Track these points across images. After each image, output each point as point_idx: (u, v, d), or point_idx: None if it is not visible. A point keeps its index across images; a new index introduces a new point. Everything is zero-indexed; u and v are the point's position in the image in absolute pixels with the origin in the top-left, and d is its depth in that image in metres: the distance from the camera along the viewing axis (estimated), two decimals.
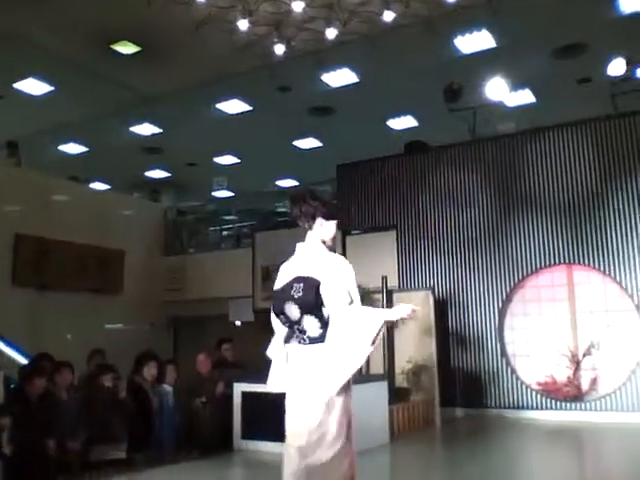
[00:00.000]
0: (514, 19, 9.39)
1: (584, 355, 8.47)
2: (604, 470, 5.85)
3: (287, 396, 3.07)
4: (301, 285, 3.01)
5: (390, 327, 8.75)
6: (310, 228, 3.21)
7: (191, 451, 6.47)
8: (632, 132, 8.72)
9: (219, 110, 12.50)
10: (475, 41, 10.03)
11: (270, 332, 3.32)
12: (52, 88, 11.37)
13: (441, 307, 9.29)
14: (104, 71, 10.90)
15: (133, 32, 9.74)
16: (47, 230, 10.73)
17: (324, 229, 3.22)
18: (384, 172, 10.53)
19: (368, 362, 9.01)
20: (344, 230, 10.84)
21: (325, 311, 2.96)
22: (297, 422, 2.98)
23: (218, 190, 14.81)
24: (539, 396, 8.65)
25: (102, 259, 11.83)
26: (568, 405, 8.46)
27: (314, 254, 3.15)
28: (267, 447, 6.39)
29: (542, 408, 8.59)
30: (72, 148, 14.60)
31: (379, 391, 7.08)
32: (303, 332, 3.01)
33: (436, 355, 8.54)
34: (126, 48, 10.18)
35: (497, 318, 9.09)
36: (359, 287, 3.29)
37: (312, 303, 2.95)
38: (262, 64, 10.18)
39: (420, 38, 9.57)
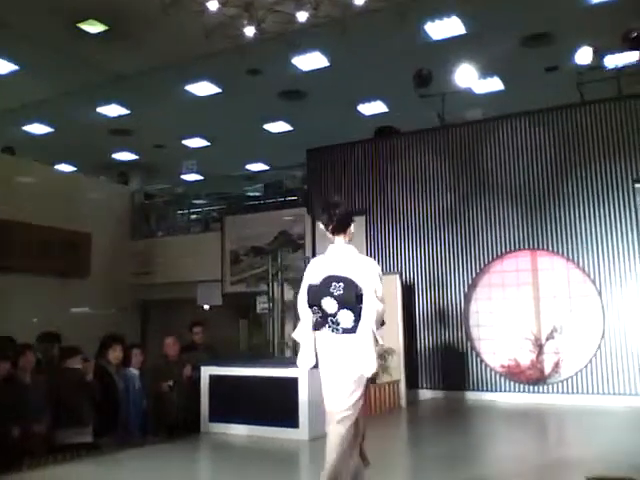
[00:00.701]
0: (484, 6, 9.47)
1: (547, 339, 8.67)
2: (563, 449, 6.02)
3: (323, 374, 3.70)
4: (341, 284, 3.59)
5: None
6: (344, 231, 3.78)
7: (158, 434, 6.48)
8: (597, 120, 8.87)
9: (188, 92, 12.37)
10: (445, 27, 10.11)
11: (237, 316, 3.41)
12: (17, 67, 11.10)
13: (408, 291, 9.40)
14: (71, 50, 10.69)
15: (100, 11, 9.56)
16: (11, 212, 10.53)
17: (351, 233, 3.83)
18: (354, 157, 10.55)
19: None
20: (313, 215, 10.87)
21: (359, 307, 3.54)
22: (333, 393, 3.66)
23: (187, 173, 14.69)
24: (503, 379, 8.83)
25: (68, 242, 11.67)
26: (531, 388, 8.66)
27: (348, 256, 3.74)
28: (234, 429, 6.44)
29: (506, 390, 8.77)
30: (37, 129, 14.31)
31: None
32: (337, 323, 3.59)
33: (403, 338, 8.66)
34: (93, 27, 10.00)
35: (463, 302, 9.23)
36: None
37: (352, 300, 3.56)
38: (232, 46, 10.08)
39: (391, 23, 9.59)
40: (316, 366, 3.75)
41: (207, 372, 6.76)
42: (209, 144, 15.24)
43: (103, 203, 13.16)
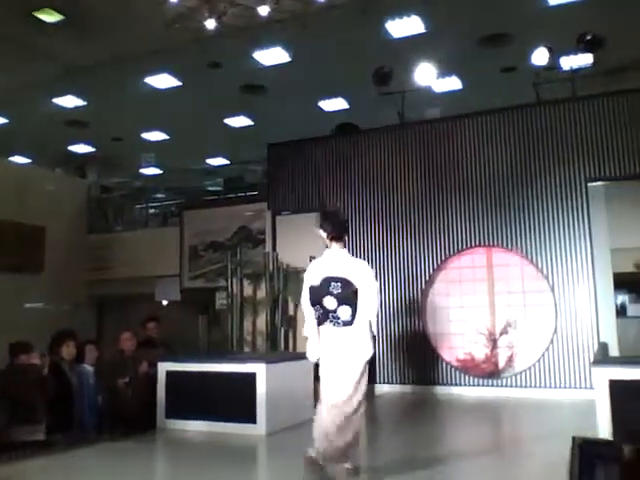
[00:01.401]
0: (443, 6, 9.58)
1: (501, 334, 8.87)
2: (512, 439, 6.17)
3: (325, 363, 4.22)
4: (339, 284, 4.18)
5: None
6: (341, 238, 4.39)
7: (113, 432, 6.39)
8: (552, 121, 9.08)
9: (148, 84, 12.18)
10: (405, 26, 10.18)
11: (196, 312, 3.48)
12: None
13: None
14: (26, 39, 10.40)
15: (57, 0, 9.33)
16: None
17: (345, 240, 4.46)
18: (315, 153, 10.57)
19: (295, 340, 9.15)
20: (273, 210, 10.86)
21: (356, 302, 4.14)
22: (336, 382, 4.14)
23: (146, 167, 14.49)
24: (458, 373, 8.99)
25: (21, 236, 11.39)
26: (486, 381, 8.84)
27: (343, 259, 4.35)
28: (192, 426, 6.40)
29: (461, 384, 8.94)
30: None
31: (304, 368, 7.17)
32: (337, 317, 4.17)
33: None
34: (50, 16, 9.75)
35: (420, 298, 9.36)
36: (287, 266, 5.71)
37: (349, 297, 4.14)
38: (193, 39, 9.97)
39: (352, 20, 9.63)
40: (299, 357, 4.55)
41: (164, 368, 6.70)
42: (168, 138, 15.03)
43: (58, 196, 12.87)
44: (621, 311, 10.41)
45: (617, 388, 4.97)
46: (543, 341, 8.62)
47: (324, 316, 4.21)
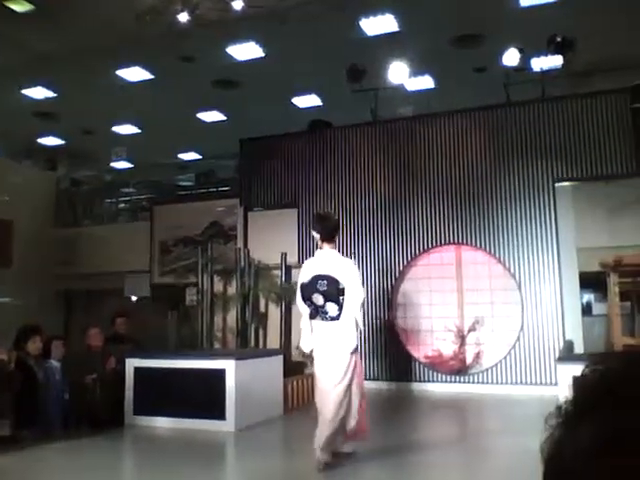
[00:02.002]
0: (417, 5, 9.63)
1: (469, 331, 8.98)
2: (477, 434, 6.27)
3: (317, 354, 4.67)
4: (325, 282, 4.58)
5: (288, 303, 8.89)
6: (332, 239, 4.82)
7: (80, 428, 6.32)
8: (522, 121, 9.22)
9: (119, 77, 12.02)
10: (379, 24, 10.22)
11: (166, 308, 3.54)
12: None
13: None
14: None
15: None
16: None
17: (336, 240, 4.89)
18: (287, 149, 10.57)
19: (265, 337, 9.15)
20: (245, 206, 10.83)
21: (341, 299, 4.55)
22: (325, 370, 4.59)
23: (116, 160, 14.30)
24: (427, 369, 9.09)
25: None
26: (453, 378, 8.95)
27: (332, 258, 4.76)
28: (160, 422, 6.38)
29: (430, 380, 9.04)
30: None
31: (274, 365, 7.20)
32: (325, 313, 4.60)
33: None
34: (20, 6, 9.55)
35: (390, 294, 9.42)
36: (258, 263, 6.50)
37: (334, 294, 4.56)
38: (166, 32, 9.87)
39: (326, 17, 9.63)
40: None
41: (132, 364, 6.65)
42: (140, 131, 14.86)
43: (25, 189, 12.64)
44: (587, 309, 10.60)
45: (577, 384, 5.08)
46: (510, 338, 8.76)
47: (315, 311, 4.65)
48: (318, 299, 4.59)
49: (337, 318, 4.57)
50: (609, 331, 8.62)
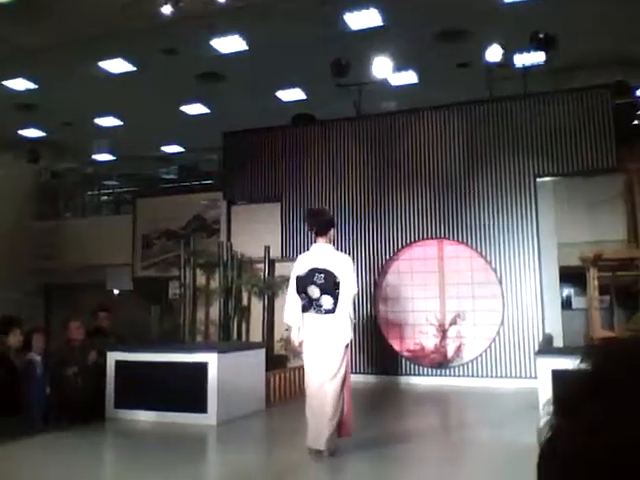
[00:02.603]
0: (402, 0, 9.63)
1: (450, 324, 9.06)
2: (458, 426, 6.34)
3: (308, 347, 4.72)
4: (322, 275, 4.68)
5: (271, 297, 8.89)
6: (325, 234, 4.88)
7: (61, 421, 6.29)
8: (504, 116, 9.29)
9: (101, 68, 11.90)
10: (363, 18, 10.21)
11: (149, 301, 3.49)
12: None
13: None
14: None
15: None
16: None
17: (331, 235, 4.95)
18: (271, 143, 10.56)
19: (248, 330, 9.15)
20: (229, 200, 10.81)
21: (337, 292, 4.64)
22: (319, 363, 4.64)
23: (98, 153, 14.17)
24: (409, 362, 9.15)
25: None
26: (435, 371, 9.02)
27: (327, 252, 4.85)
28: (141, 415, 6.37)
29: (411, 374, 9.10)
30: None
31: (257, 358, 7.21)
32: (320, 306, 4.67)
33: None
34: None
35: (373, 288, 9.47)
36: (241, 256, 6.64)
37: (331, 287, 4.65)
38: (149, 24, 9.79)
39: (310, 10, 9.60)
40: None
41: (113, 358, 6.63)
42: (122, 123, 14.73)
43: (6, 182, 12.50)
44: (566, 303, 10.74)
45: (559, 377, 5.15)
46: (490, 332, 8.85)
47: (309, 304, 4.71)
48: (314, 292, 4.67)
49: (332, 311, 4.66)
50: (588, 325, 8.74)
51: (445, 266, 9.26)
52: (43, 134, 15.53)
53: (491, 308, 8.90)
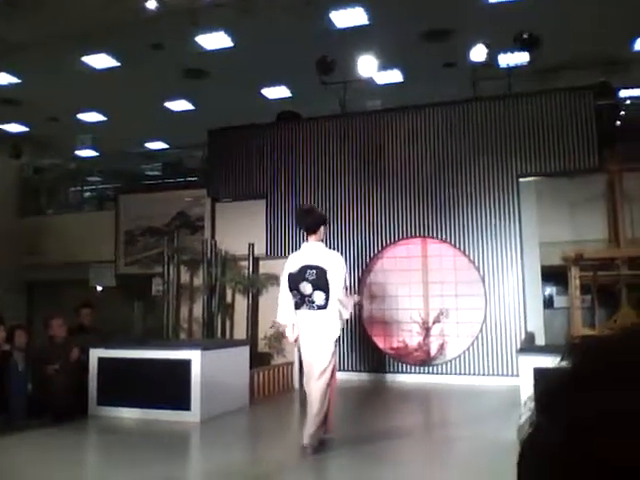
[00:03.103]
0: None
1: (434, 322, 9.11)
2: (440, 423, 6.39)
3: (302, 343, 4.91)
4: (314, 271, 4.79)
5: (255, 294, 8.89)
6: (315, 232, 4.99)
7: (42, 419, 6.24)
8: (488, 116, 9.35)
9: (85, 63, 11.81)
10: (349, 16, 10.23)
11: (132, 298, 3.51)
12: None
13: None
14: None
15: None
16: None
17: (322, 232, 5.08)
18: (256, 140, 10.54)
19: (232, 327, 9.13)
20: (213, 197, 10.78)
21: (328, 288, 4.77)
22: (311, 358, 4.84)
23: (82, 148, 14.05)
24: (392, 360, 9.20)
25: None
26: (418, 369, 9.07)
27: (318, 250, 4.98)
28: (124, 413, 6.34)
29: (396, 371, 9.13)
30: None
31: (240, 356, 7.21)
32: (312, 302, 4.80)
33: None
34: None
35: (357, 286, 9.49)
36: (225, 253, 6.79)
37: (323, 284, 4.78)
38: (133, 19, 9.73)
39: (296, 8, 9.61)
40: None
41: (96, 354, 6.59)
42: (106, 119, 14.64)
43: None
44: (548, 302, 10.84)
45: (541, 375, 5.21)
46: (473, 330, 8.92)
47: (301, 301, 4.83)
48: (306, 288, 4.79)
49: (324, 307, 4.78)
50: (570, 323, 8.84)
51: (429, 264, 9.32)
52: (26, 129, 15.39)
53: (474, 306, 8.97)
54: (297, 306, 4.88)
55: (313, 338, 4.82)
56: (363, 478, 4.49)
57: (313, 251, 4.97)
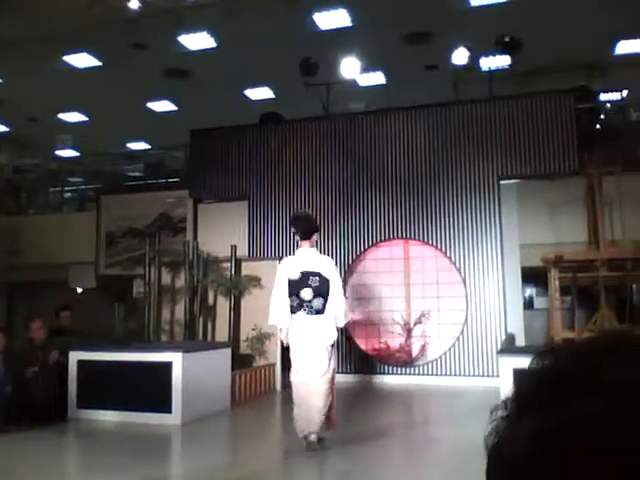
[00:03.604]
0: (370, 1, 9.70)
1: (415, 323, 9.14)
2: (421, 423, 6.42)
3: (296, 346, 4.94)
4: (317, 278, 4.93)
5: (237, 296, 8.87)
6: (309, 238, 5.09)
7: (21, 422, 6.17)
8: (469, 119, 9.41)
9: (66, 63, 11.71)
10: (332, 18, 10.25)
11: (113, 300, 3.55)
12: None
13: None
14: None
15: None
16: None
17: (314, 239, 5.17)
18: (238, 141, 10.51)
19: (214, 330, 9.10)
20: (196, 198, 10.74)
21: (327, 294, 4.90)
22: (309, 362, 4.86)
23: (62, 149, 13.92)
24: (374, 361, 9.22)
25: None
26: (400, 370, 9.10)
27: (314, 256, 5.11)
28: (104, 415, 6.29)
29: (377, 373, 9.17)
30: None
31: (222, 358, 7.19)
32: (311, 307, 4.90)
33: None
34: None
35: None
36: (208, 255, 7.38)
37: (324, 291, 4.91)
38: (115, 18, 9.67)
39: (280, 9, 9.60)
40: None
41: (75, 357, 6.53)
42: (87, 119, 14.52)
43: None
44: (528, 303, 10.95)
45: (517, 377, 5.25)
46: (454, 331, 8.97)
47: (298, 306, 4.92)
48: (307, 294, 4.90)
49: (322, 312, 4.90)
50: (550, 325, 8.93)
51: (411, 266, 9.36)
52: (6, 129, 15.21)
53: (455, 308, 9.02)
54: (293, 310, 4.94)
55: (311, 342, 4.89)
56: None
57: (310, 257, 5.07)
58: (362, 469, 4.68)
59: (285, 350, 8.93)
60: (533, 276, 9.76)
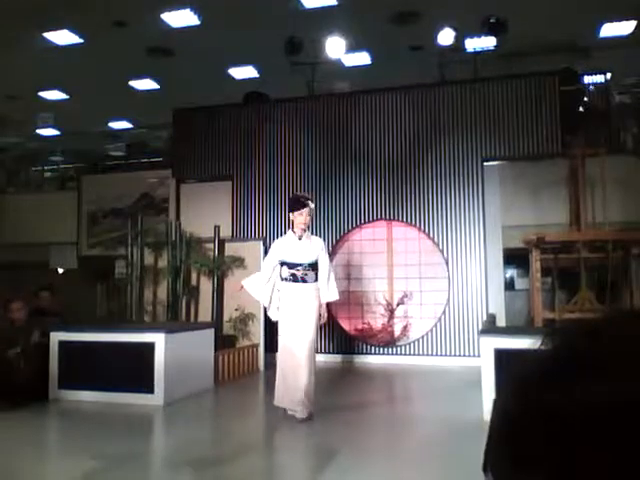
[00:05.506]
0: None
1: (398, 304, 9.20)
2: (398, 402, 6.49)
3: (288, 314, 5.37)
4: (311, 258, 5.44)
5: (220, 276, 8.84)
6: (306, 220, 5.50)
7: (3, 402, 6.13)
8: (454, 100, 9.40)
9: (47, 40, 11.48)
10: None
11: (95, 280, 3.47)
12: None
13: None
14: None
15: None
16: None
17: (292, 218, 5.58)
18: (222, 120, 10.42)
19: (197, 310, 9.09)
20: (178, 178, 10.65)
21: (317, 267, 5.48)
22: (300, 326, 5.28)
23: (43, 127, 13.71)
24: (357, 341, 9.27)
25: None
26: (383, 349, 9.17)
27: (307, 236, 5.58)
28: (86, 396, 6.28)
29: (360, 352, 9.23)
30: None
31: (205, 338, 7.19)
32: (304, 278, 5.40)
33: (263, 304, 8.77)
34: None
35: None
36: (190, 235, 8.00)
37: (314, 264, 5.45)
38: None
39: None
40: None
41: (57, 338, 6.50)
42: (68, 97, 14.28)
43: None
44: (510, 284, 11.03)
45: (501, 356, 5.32)
46: (436, 312, 9.03)
47: (293, 277, 5.40)
48: (300, 270, 5.40)
49: (314, 281, 5.42)
50: (530, 305, 9.02)
51: (394, 247, 9.38)
52: None
53: (437, 288, 9.08)
54: (286, 280, 5.42)
55: (303, 306, 5.32)
56: (326, 464, 4.53)
57: (304, 238, 5.51)
58: (345, 442, 4.71)
59: (269, 329, 8.97)
60: (515, 257, 9.83)
